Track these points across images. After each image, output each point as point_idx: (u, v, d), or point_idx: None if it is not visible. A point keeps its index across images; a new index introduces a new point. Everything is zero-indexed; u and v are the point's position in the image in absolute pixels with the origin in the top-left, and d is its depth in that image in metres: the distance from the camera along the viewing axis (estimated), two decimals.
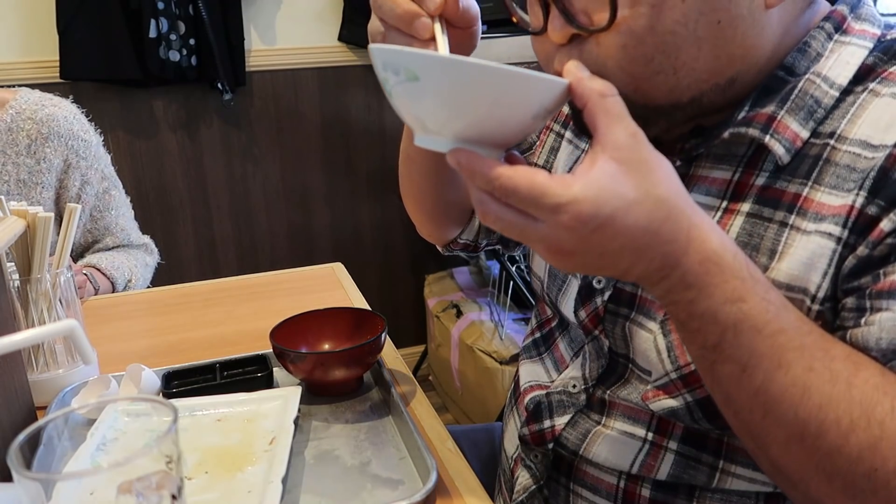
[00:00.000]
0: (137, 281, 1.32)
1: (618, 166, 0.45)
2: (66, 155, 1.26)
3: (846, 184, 0.53)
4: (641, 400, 0.64)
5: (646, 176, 0.46)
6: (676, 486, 0.64)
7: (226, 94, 2.08)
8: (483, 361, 1.99)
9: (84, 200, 1.29)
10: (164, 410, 0.46)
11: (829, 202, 0.54)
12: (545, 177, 0.44)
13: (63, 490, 0.41)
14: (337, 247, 2.41)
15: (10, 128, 1.23)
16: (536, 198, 0.44)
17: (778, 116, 0.56)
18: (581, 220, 0.44)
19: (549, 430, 0.71)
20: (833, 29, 0.58)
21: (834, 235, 0.53)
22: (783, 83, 0.57)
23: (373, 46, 0.47)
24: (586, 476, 0.69)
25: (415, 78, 0.45)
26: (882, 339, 0.49)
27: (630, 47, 0.53)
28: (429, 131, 0.48)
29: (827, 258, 0.53)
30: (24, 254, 0.82)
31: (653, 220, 0.46)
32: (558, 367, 0.75)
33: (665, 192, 0.47)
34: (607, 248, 0.46)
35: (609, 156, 0.45)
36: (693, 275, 0.48)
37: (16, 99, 1.25)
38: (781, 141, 0.56)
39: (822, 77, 0.56)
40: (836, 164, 0.54)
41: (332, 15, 2.21)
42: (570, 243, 0.46)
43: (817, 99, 0.56)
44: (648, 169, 0.46)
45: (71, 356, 0.84)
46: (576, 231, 0.45)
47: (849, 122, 0.55)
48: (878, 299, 0.50)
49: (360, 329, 0.84)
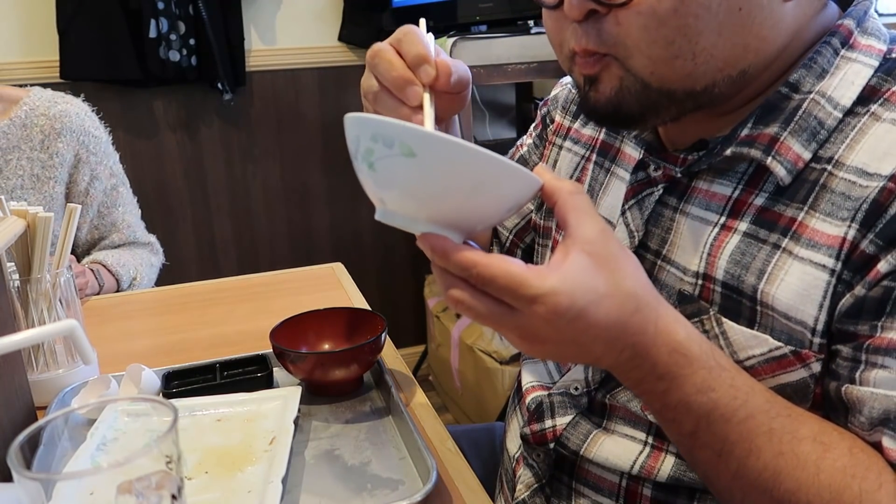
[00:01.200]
0: (142, 280, 1.33)
1: (589, 260, 0.47)
2: (77, 150, 1.29)
3: (840, 212, 0.53)
4: (641, 410, 0.65)
5: (615, 271, 0.48)
6: (678, 488, 0.64)
7: (226, 94, 2.08)
8: (483, 361, 1.99)
9: (92, 195, 1.32)
10: (164, 410, 0.46)
11: (823, 229, 0.54)
12: (521, 267, 0.45)
13: (63, 490, 0.41)
14: (337, 247, 2.41)
15: (24, 124, 1.25)
16: (514, 288, 0.45)
17: (781, 138, 0.56)
18: (557, 311, 0.45)
19: (550, 430, 0.71)
20: (840, 44, 0.57)
21: (827, 267, 0.53)
22: (787, 100, 0.57)
23: (366, 117, 0.46)
24: (588, 475, 0.69)
25: (410, 154, 0.45)
26: (874, 409, 0.51)
27: (652, 29, 0.52)
28: (401, 209, 0.49)
29: (822, 290, 0.54)
30: (24, 254, 0.82)
31: (622, 312, 0.48)
32: (560, 369, 0.75)
33: (633, 285, 0.49)
34: (580, 338, 0.48)
35: (580, 248, 0.47)
36: (663, 366, 0.50)
37: (29, 96, 1.28)
38: (783, 163, 0.56)
39: (827, 98, 0.56)
40: (832, 192, 0.54)
41: (332, 15, 2.21)
42: (545, 333, 0.47)
43: (821, 120, 0.56)
44: (617, 264, 0.48)
45: (71, 356, 0.84)
46: (551, 322, 0.46)
47: (847, 147, 0.55)
48: (875, 355, 0.51)
49: (360, 329, 0.84)
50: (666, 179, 0.64)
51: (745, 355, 0.57)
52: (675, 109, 0.58)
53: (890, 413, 0.50)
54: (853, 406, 0.52)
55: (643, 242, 0.66)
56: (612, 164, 0.73)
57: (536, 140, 0.88)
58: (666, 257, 0.64)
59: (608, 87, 0.57)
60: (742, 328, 0.57)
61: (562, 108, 0.83)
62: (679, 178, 0.63)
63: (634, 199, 0.67)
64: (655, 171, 0.65)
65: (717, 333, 0.58)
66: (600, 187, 0.73)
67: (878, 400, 0.51)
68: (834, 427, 0.53)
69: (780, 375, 0.56)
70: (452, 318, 2.19)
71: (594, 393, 0.69)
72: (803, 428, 0.51)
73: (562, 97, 0.84)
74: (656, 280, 0.64)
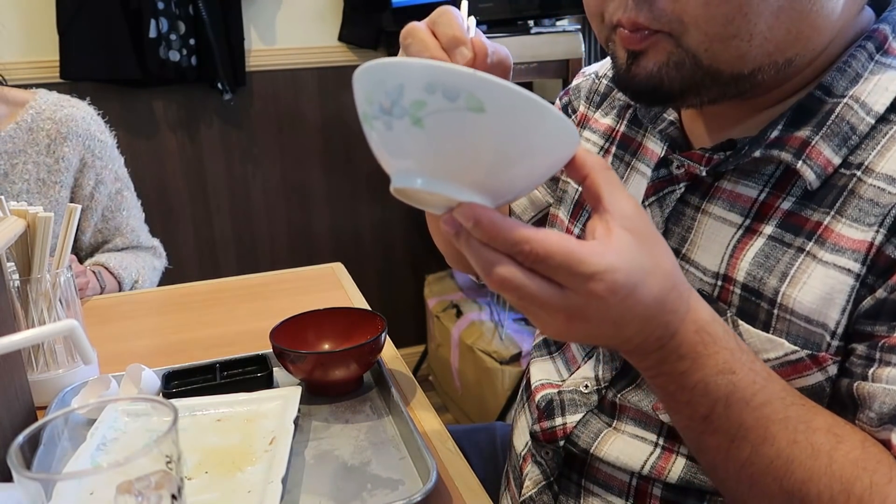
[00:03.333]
0: (144, 282, 1.33)
1: (632, 237, 0.45)
2: (83, 154, 1.28)
3: (868, 217, 0.53)
4: (652, 410, 0.64)
5: (653, 248, 0.47)
6: (687, 490, 0.64)
7: (226, 94, 2.08)
8: (483, 361, 1.99)
9: (97, 200, 1.31)
10: (164, 410, 0.46)
11: (849, 234, 0.53)
12: (576, 243, 0.43)
13: (63, 490, 0.41)
14: (337, 247, 2.41)
15: (30, 127, 1.25)
16: (571, 265, 0.43)
17: (812, 142, 0.56)
18: (614, 289, 0.44)
19: (560, 428, 0.71)
20: (875, 49, 0.57)
21: (853, 272, 0.53)
22: (820, 103, 0.56)
23: (420, 62, 0.40)
24: (598, 473, 0.69)
25: (479, 109, 0.39)
26: (885, 405, 0.51)
27: (713, 5, 0.51)
28: (443, 174, 0.42)
29: (845, 294, 0.53)
30: (24, 254, 0.82)
31: (663, 290, 0.47)
32: (569, 367, 0.74)
33: (670, 264, 0.48)
34: (624, 317, 0.46)
35: (620, 225, 0.46)
36: (688, 345, 0.49)
37: (35, 100, 1.27)
38: (813, 167, 0.55)
39: (861, 103, 0.56)
40: (861, 198, 0.54)
41: (332, 15, 2.21)
42: (592, 312, 0.45)
43: (853, 126, 0.55)
44: (655, 241, 0.47)
45: (71, 356, 0.84)
46: (604, 300, 0.44)
47: (878, 153, 0.54)
48: (890, 353, 0.51)
49: (360, 329, 0.84)
50: (689, 178, 0.63)
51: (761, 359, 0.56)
52: (715, 91, 0.57)
53: None
54: (863, 402, 0.52)
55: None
56: (634, 158, 0.72)
57: None
58: (685, 256, 0.63)
59: (652, 63, 0.56)
60: (758, 331, 0.57)
61: (585, 98, 0.82)
62: (703, 178, 0.62)
63: (655, 196, 0.66)
64: (678, 168, 0.64)
65: None
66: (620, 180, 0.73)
67: (890, 395, 0.50)
68: (846, 421, 0.52)
69: (795, 379, 0.56)
70: (452, 318, 2.19)
71: (604, 391, 0.69)
72: (817, 419, 0.51)
73: (585, 87, 0.83)
74: None
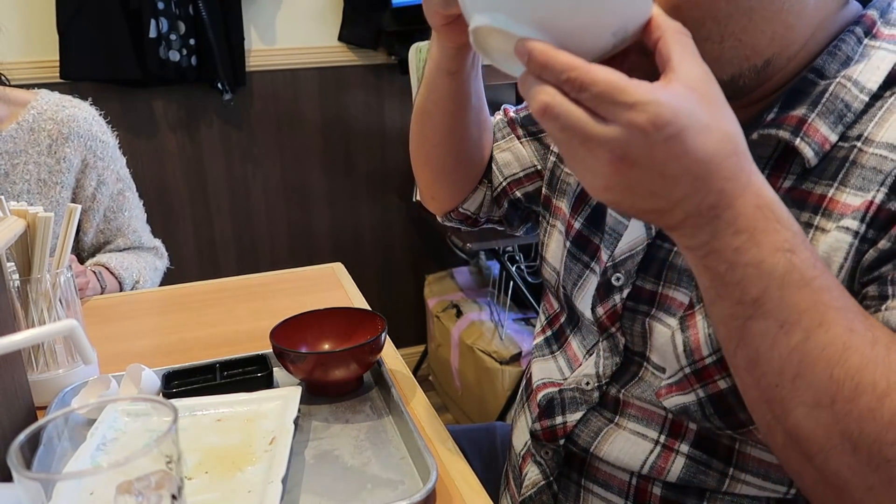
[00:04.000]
0: (145, 283, 1.33)
1: (692, 93, 0.44)
2: (85, 155, 1.28)
3: (871, 185, 0.53)
4: (655, 397, 0.64)
5: (718, 109, 0.45)
6: (687, 488, 0.64)
7: (226, 94, 2.08)
8: (483, 361, 1.99)
9: (98, 201, 1.31)
10: (164, 410, 0.46)
11: (853, 203, 0.54)
12: (625, 77, 0.43)
13: (63, 490, 0.41)
14: (337, 247, 2.41)
15: (32, 128, 1.25)
16: (616, 93, 0.42)
17: (809, 119, 0.56)
18: (657, 123, 0.42)
19: (560, 427, 0.71)
20: (863, 33, 0.58)
21: (851, 230, 0.53)
22: (813, 85, 0.57)
23: None
24: (598, 473, 0.69)
25: None
26: None
27: (684, 9, 0.52)
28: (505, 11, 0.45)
29: (843, 252, 0.53)
30: (24, 254, 0.82)
31: (719, 151, 0.44)
32: (571, 366, 0.75)
33: (734, 129, 0.46)
34: (670, 167, 0.44)
35: (684, 84, 0.44)
36: (745, 219, 0.46)
37: (37, 100, 1.27)
38: (811, 144, 0.56)
39: (853, 81, 0.56)
40: (863, 167, 0.54)
41: (332, 15, 2.21)
42: (637, 150, 0.43)
43: (847, 103, 0.56)
44: (721, 104, 0.45)
45: (71, 356, 0.84)
46: (648, 136, 0.42)
47: (876, 125, 0.55)
48: None
49: (360, 329, 0.84)
50: None
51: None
52: None
53: None
54: None
55: (661, 233, 0.65)
56: None
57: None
58: None
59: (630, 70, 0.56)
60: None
61: None
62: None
63: None
64: None
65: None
66: None
67: None
68: None
69: None
70: (452, 318, 2.19)
71: (606, 387, 0.69)
72: (872, 317, 0.48)
73: None
74: (672, 265, 0.64)
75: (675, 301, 0.63)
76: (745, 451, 0.62)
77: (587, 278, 0.72)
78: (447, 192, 0.89)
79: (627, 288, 0.67)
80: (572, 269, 0.75)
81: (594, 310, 0.70)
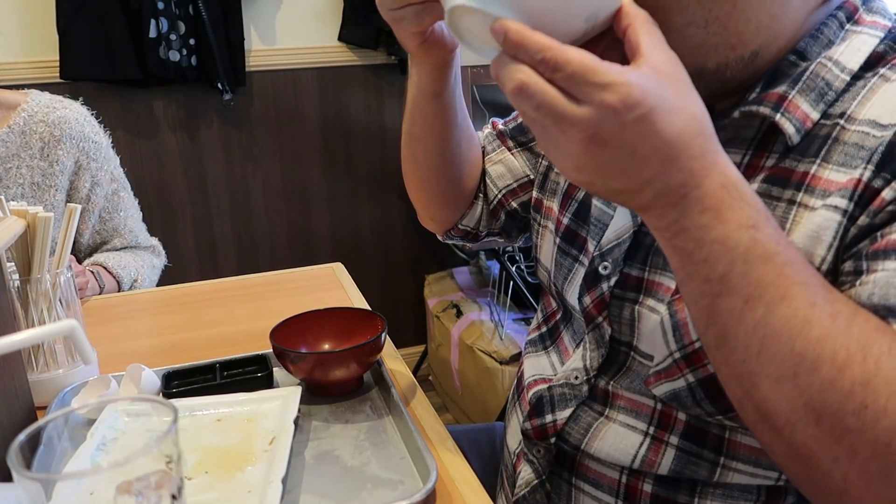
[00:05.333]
0: (143, 281, 1.32)
1: (660, 76, 0.45)
2: (77, 156, 1.27)
3: (854, 161, 0.54)
4: (644, 386, 0.64)
5: (686, 91, 0.47)
6: (678, 481, 0.64)
7: (226, 94, 2.08)
8: (483, 361, 1.99)
9: (93, 202, 1.30)
10: (164, 410, 0.46)
11: (837, 179, 0.54)
12: (597, 58, 0.44)
13: (63, 490, 0.41)
14: (337, 247, 2.41)
15: (23, 131, 1.23)
16: (588, 73, 0.43)
17: (789, 96, 0.57)
18: (627, 103, 0.43)
19: (550, 425, 0.71)
20: (845, 18, 0.59)
21: (840, 208, 0.53)
22: (794, 66, 0.58)
23: None
24: (588, 471, 0.69)
25: None
26: (874, 295, 0.49)
27: None
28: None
29: (832, 231, 0.53)
30: (24, 254, 0.82)
31: (686, 131, 0.46)
32: (562, 360, 0.75)
33: (700, 110, 0.47)
34: (639, 147, 0.45)
35: (652, 66, 0.45)
36: (712, 197, 0.47)
37: (27, 102, 1.26)
38: (792, 120, 0.56)
39: (834, 61, 0.57)
40: (845, 143, 0.55)
41: (332, 15, 2.21)
42: (608, 130, 0.44)
43: (828, 81, 0.57)
44: (687, 87, 0.47)
45: (71, 356, 0.84)
46: (619, 115, 0.44)
47: (859, 103, 0.56)
48: (874, 260, 0.50)
49: (360, 329, 0.84)
50: None
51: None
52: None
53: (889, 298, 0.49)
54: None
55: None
56: None
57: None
58: None
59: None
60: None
61: None
62: None
63: None
64: None
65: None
66: None
67: (880, 286, 0.49)
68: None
69: None
70: (452, 318, 2.19)
71: (595, 380, 0.69)
72: (836, 292, 0.49)
73: None
74: (659, 251, 0.64)
75: (661, 286, 0.63)
76: (735, 438, 0.62)
77: (576, 271, 0.73)
78: (445, 212, 0.90)
79: (615, 276, 0.67)
80: (562, 263, 0.75)
81: (581, 299, 0.70)
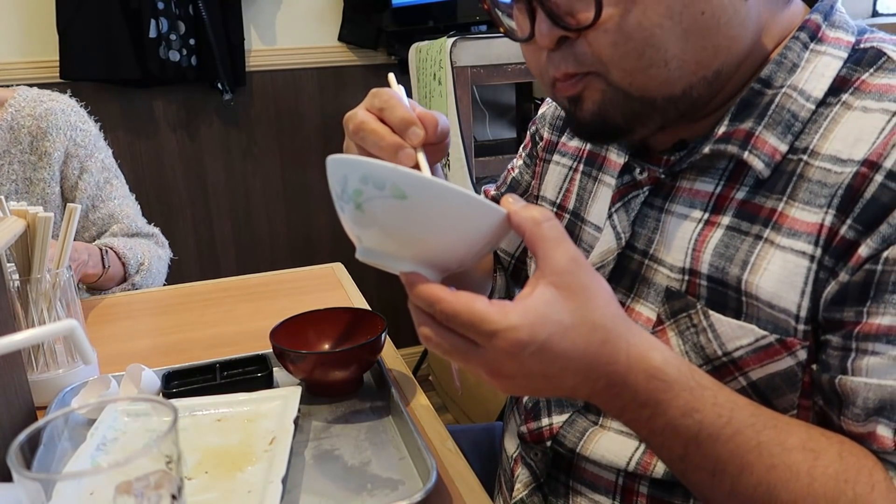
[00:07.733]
0: (151, 267, 1.30)
1: (556, 291, 0.47)
2: (66, 145, 1.26)
3: (818, 199, 0.54)
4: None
5: (584, 302, 0.47)
6: (673, 485, 0.64)
7: (226, 94, 2.08)
8: None
9: (82, 189, 1.29)
10: (164, 410, 0.46)
11: (802, 217, 0.55)
12: (484, 303, 0.46)
13: (63, 490, 0.41)
14: (337, 247, 2.41)
15: (11, 127, 1.23)
16: (476, 323, 0.45)
17: (756, 132, 0.58)
18: (517, 345, 0.45)
19: (546, 429, 0.71)
20: (808, 38, 0.59)
21: (807, 254, 0.54)
22: (760, 96, 0.58)
23: (357, 159, 0.47)
24: (585, 473, 0.69)
25: (402, 196, 0.46)
26: (869, 399, 0.51)
27: (620, 44, 0.55)
28: (385, 248, 0.50)
29: (802, 277, 0.54)
30: (24, 254, 0.82)
31: (590, 343, 0.48)
32: None
33: (601, 317, 0.48)
34: (548, 370, 0.47)
35: (548, 281, 0.47)
36: (643, 392, 0.50)
37: (14, 97, 1.25)
38: (760, 156, 0.57)
39: (799, 90, 0.58)
40: (809, 180, 0.55)
41: (332, 15, 2.21)
42: (510, 368, 0.47)
43: (794, 113, 0.57)
44: (586, 295, 0.48)
45: (71, 356, 0.84)
46: (514, 356, 0.46)
47: (821, 136, 0.56)
48: (865, 342, 0.52)
49: (360, 329, 0.84)
50: (651, 182, 0.66)
51: (733, 346, 0.58)
52: (658, 117, 0.59)
53: (885, 402, 0.51)
54: (847, 397, 0.53)
55: (630, 244, 0.67)
56: (599, 171, 0.74)
57: (527, 159, 0.89)
58: (654, 256, 0.65)
59: (591, 103, 0.59)
60: (729, 319, 0.58)
61: (549, 125, 0.85)
62: (664, 180, 0.64)
63: (621, 201, 0.68)
64: (641, 174, 0.67)
65: (705, 326, 0.59)
66: (589, 196, 0.75)
67: (873, 390, 0.51)
68: (821, 432, 0.53)
69: (767, 365, 0.57)
70: None
71: None
72: (791, 437, 0.52)
73: (549, 114, 0.86)
74: (644, 279, 0.65)
75: (641, 316, 0.64)
76: None
77: None
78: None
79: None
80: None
81: None
